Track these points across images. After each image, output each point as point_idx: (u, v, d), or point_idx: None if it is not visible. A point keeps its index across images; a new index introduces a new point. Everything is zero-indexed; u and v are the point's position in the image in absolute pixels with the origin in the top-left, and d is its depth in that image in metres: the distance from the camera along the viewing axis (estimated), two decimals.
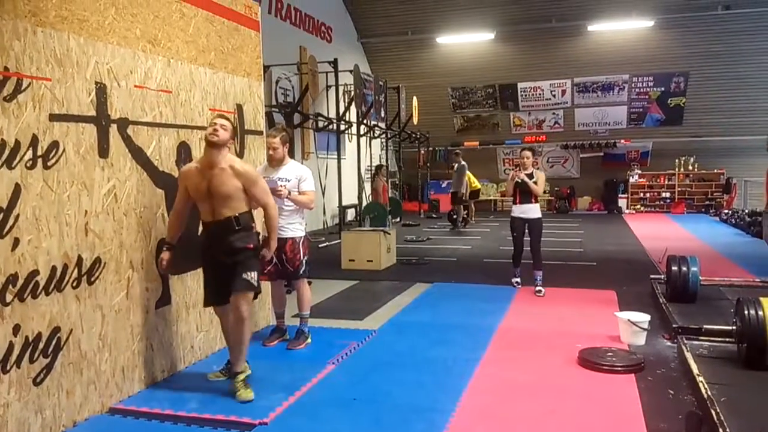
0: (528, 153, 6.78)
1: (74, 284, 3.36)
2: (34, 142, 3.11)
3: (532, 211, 6.70)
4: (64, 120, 3.29)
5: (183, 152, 4.29)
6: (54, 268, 3.23)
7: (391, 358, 3.90)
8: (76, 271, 3.36)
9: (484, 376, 4.15)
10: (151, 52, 3.98)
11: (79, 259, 3.39)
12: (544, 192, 6.60)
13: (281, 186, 4.60)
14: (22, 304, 3.06)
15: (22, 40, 3.05)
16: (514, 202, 6.80)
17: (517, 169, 6.77)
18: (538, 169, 6.92)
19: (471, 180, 14.60)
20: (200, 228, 4.02)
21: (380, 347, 4.77)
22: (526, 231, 6.74)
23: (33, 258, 3.11)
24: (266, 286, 5.33)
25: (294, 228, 4.76)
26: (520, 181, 6.64)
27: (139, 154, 3.86)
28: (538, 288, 6.67)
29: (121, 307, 3.70)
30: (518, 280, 7.04)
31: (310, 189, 4.77)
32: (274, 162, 4.76)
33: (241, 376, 3.79)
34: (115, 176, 3.66)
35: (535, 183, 6.61)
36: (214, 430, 3.34)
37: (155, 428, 3.41)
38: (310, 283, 5.06)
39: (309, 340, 4.88)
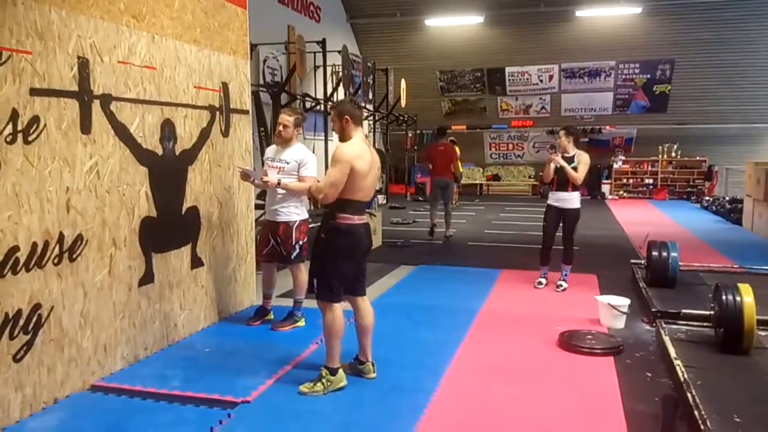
0: (564, 132, 5.95)
1: (55, 261, 3.33)
2: (14, 116, 3.06)
3: (567, 200, 5.98)
4: (45, 95, 3.24)
5: (167, 129, 4.24)
6: (35, 245, 3.20)
7: (374, 338, 3.93)
8: (57, 247, 3.34)
9: (465, 357, 4.20)
10: (136, 28, 3.91)
11: (61, 236, 3.36)
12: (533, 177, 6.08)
13: (277, 167, 4.57)
14: (2, 280, 3.03)
15: (1, 11, 2.98)
16: (551, 189, 6.09)
17: (554, 151, 5.98)
18: (578, 151, 5.97)
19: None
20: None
21: None
22: (560, 222, 6.09)
23: (13, 234, 3.08)
24: (251, 266, 5.34)
25: (288, 212, 4.66)
26: (558, 166, 5.89)
27: (122, 131, 3.81)
28: (559, 282, 6.19)
29: (103, 284, 3.68)
30: (543, 280, 6.31)
31: (311, 175, 4.55)
32: (280, 140, 4.66)
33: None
34: (98, 153, 3.62)
35: (575, 168, 5.84)
36: (196, 408, 3.35)
37: (137, 405, 3.41)
38: None
39: (300, 323, 4.86)
